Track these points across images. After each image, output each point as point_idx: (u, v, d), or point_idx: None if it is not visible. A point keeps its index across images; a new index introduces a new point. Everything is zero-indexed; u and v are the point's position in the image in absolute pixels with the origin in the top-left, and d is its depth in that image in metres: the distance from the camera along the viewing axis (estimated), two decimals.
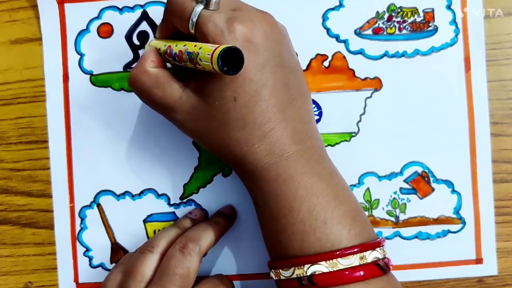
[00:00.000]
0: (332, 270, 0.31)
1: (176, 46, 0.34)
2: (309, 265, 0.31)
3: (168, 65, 0.37)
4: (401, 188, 0.40)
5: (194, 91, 0.34)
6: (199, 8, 0.32)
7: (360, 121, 0.40)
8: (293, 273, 0.32)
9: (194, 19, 0.33)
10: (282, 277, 0.33)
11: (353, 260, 0.31)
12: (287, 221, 0.32)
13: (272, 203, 0.33)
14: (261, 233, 0.35)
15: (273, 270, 0.34)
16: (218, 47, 0.29)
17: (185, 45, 0.33)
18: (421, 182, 0.40)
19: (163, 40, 0.36)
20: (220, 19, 0.32)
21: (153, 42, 0.37)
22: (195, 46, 0.32)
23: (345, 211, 0.33)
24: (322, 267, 0.31)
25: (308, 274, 0.31)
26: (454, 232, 0.40)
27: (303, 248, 0.32)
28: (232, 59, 0.29)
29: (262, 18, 0.33)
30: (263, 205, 0.34)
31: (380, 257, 0.32)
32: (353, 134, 0.40)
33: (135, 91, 0.36)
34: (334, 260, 0.31)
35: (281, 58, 0.33)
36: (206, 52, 0.30)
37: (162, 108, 0.35)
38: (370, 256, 0.32)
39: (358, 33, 0.40)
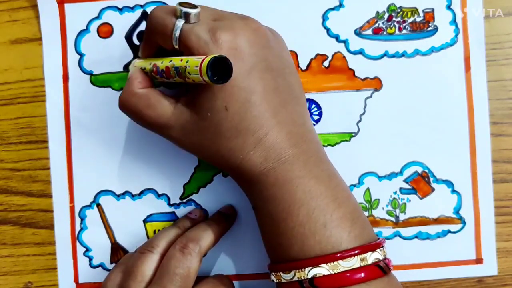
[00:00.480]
0: (333, 273, 0.31)
1: (161, 63, 0.34)
2: (310, 268, 0.31)
3: None
4: (401, 188, 0.40)
5: (185, 105, 0.34)
6: (180, 23, 0.33)
7: (360, 121, 0.40)
8: (294, 276, 0.32)
9: (177, 34, 0.33)
10: (283, 280, 0.33)
11: (353, 262, 0.31)
12: (286, 224, 0.32)
13: (271, 207, 0.33)
14: (261, 236, 0.35)
15: (273, 273, 0.34)
16: (205, 58, 0.29)
17: (171, 60, 0.33)
18: (421, 182, 0.40)
19: (147, 59, 0.36)
20: (202, 31, 0.32)
21: (137, 62, 0.37)
22: (181, 60, 0.32)
23: (344, 213, 0.33)
24: (323, 270, 0.31)
25: (309, 277, 0.31)
26: (454, 232, 0.40)
27: (303, 251, 0.32)
28: (220, 68, 0.29)
29: (244, 24, 0.33)
30: (262, 209, 0.34)
31: (381, 258, 0.32)
32: (353, 134, 0.40)
33: (127, 114, 0.36)
34: (335, 263, 0.31)
35: (267, 62, 0.33)
36: (193, 65, 0.30)
37: (155, 127, 0.35)
38: (371, 257, 0.32)
39: (358, 33, 0.40)
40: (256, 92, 0.32)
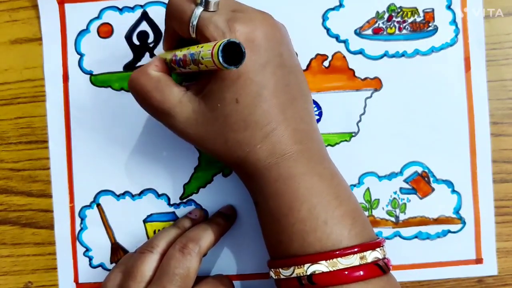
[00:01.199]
0: (332, 270, 0.31)
1: (180, 52, 0.34)
2: (309, 264, 0.31)
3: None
4: (401, 188, 0.40)
5: (196, 94, 0.34)
6: (199, 10, 0.32)
7: (360, 121, 0.40)
8: (293, 272, 0.32)
9: (195, 22, 0.32)
10: (282, 277, 0.33)
11: (353, 260, 0.31)
12: (287, 220, 0.32)
13: (272, 203, 0.33)
14: (261, 233, 0.35)
15: (272, 270, 0.34)
16: (218, 42, 0.29)
17: (188, 49, 0.33)
18: (421, 182, 0.40)
19: (169, 51, 0.36)
20: (220, 20, 0.32)
21: (159, 54, 0.37)
22: (197, 47, 0.31)
23: (345, 211, 0.33)
24: (322, 267, 0.31)
25: (308, 273, 0.31)
26: (454, 232, 0.40)
27: (303, 247, 0.32)
28: (233, 55, 0.29)
29: (263, 18, 0.33)
30: (263, 205, 0.34)
31: (380, 257, 0.32)
32: (353, 134, 0.40)
33: (133, 93, 0.35)
34: (334, 260, 0.31)
35: (282, 59, 0.33)
36: (207, 49, 0.30)
37: (160, 112, 0.34)
38: (370, 256, 0.32)
39: (358, 33, 0.40)
40: (268, 87, 0.32)
